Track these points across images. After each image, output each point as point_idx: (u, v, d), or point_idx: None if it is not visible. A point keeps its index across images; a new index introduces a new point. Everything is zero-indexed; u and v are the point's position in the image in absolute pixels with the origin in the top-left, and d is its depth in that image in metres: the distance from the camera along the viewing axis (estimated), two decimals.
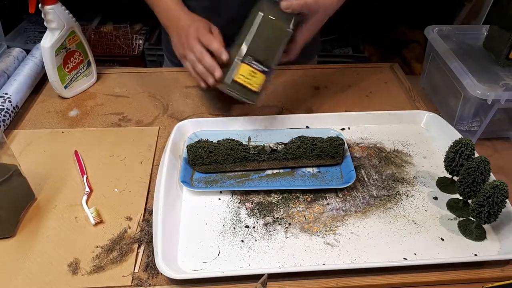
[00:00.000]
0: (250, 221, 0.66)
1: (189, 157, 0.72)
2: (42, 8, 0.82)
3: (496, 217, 0.60)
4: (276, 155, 0.72)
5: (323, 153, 0.73)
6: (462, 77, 0.79)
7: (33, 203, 0.68)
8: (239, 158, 0.72)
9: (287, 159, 0.73)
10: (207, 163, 0.72)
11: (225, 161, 0.72)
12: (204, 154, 0.71)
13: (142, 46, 1.80)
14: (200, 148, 0.71)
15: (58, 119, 0.87)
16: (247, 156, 0.72)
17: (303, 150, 0.72)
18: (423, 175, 0.74)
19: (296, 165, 0.74)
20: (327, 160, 0.74)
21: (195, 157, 0.71)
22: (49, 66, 0.87)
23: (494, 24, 0.85)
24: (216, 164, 0.72)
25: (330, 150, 0.73)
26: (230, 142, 0.73)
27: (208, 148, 0.71)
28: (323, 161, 0.74)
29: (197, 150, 0.71)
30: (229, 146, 0.72)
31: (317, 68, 1.06)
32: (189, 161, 0.73)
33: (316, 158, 0.73)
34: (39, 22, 1.71)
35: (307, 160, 0.73)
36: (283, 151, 0.72)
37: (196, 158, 0.72)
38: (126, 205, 0.69)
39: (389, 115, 0.86)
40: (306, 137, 0.74)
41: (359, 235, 0.64)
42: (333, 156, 0.73)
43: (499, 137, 0.85)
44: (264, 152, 0.72)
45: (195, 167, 0.73)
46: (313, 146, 0.73)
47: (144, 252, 0.62)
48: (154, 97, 0.94)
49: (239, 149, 0.72)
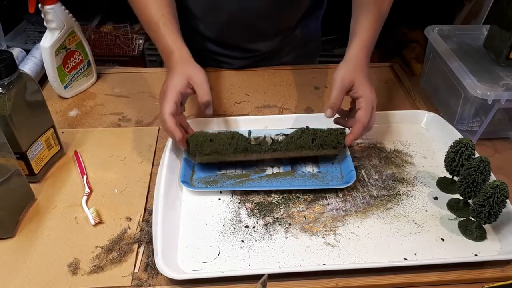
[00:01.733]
0: (250, 221, 0.66)
1: (189, 147, 0.71)
2: (42, 8, 0.82)
3: (496, 217, 0.60)
4: (277, 146, 0.72)
5: (324, 142, 0.72)
6: (462, 77, 0.79)
7: (33, 204, 0.68)
8: (240, 148, 0.71)
9: (288, 149, 0.72)
10: (207, 153, 0.70)
11: (225, 150, 0.70)
12: (205, 142, 0.70)
13: (142, 46, 1.80)
14: (200, 136, 0.71)
15: (58, 119, 0.87)
16: (248, 147, 0.71)
17: (304, 140, 0.71)
18: (423, 175, 0.74)
19: (297, 155, 0.73)
20: (329, 150, 0.73)
21: (195, 145, 0.70)
22: (49, 66, 0.87)
23: (494, 24, 0.85)
24: (217, 154, 0.71)
25: (332, 139, 0.72)
26: (231, 132, 0.72)
27: (209, 137, 0.70)
28: (325, 151, 0.73)
29: (197, 139, 0.70)
30: (229, 135, 0.71)
31: (317, 68, 1.06)
32: (189, 151, 0.71)
33: (318, 148, 0.72)
34: (39, 22, 1.71)
35: (308, 150, 0.72)
36: (284, 141, 0.72)
37: (196, 147, 0.70)
38: (126, 205, 0.69)
39: (389, 115, 0.86)
40: (307, 128, 0.73)
41: (359, 235, 0.64)
42: (335, 146, 0.72)
43: (499, 137, 0.85)
44: (265, 143, 0.72)
45: (195, 157, 0.71)
46: (314, 135, 0.72)
47: (144, 252, 0.62)
48: (154, 97, 0.94)
49: (240, 139, 0.71)
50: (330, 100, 0.71)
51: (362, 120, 0.70)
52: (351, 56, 0.73)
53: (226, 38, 0.98)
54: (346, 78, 0.70)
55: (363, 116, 0.70)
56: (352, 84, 0.71)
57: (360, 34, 0.74)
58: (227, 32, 0.97)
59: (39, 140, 0.71)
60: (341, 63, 0.73)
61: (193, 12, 0.94)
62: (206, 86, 0.71)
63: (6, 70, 0.62)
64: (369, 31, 0.74)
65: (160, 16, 0.77)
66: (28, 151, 0.68)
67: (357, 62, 0.72)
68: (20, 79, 0.64)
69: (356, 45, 0.73)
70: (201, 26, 0.96)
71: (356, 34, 0.74)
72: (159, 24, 0.76)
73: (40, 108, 0.71)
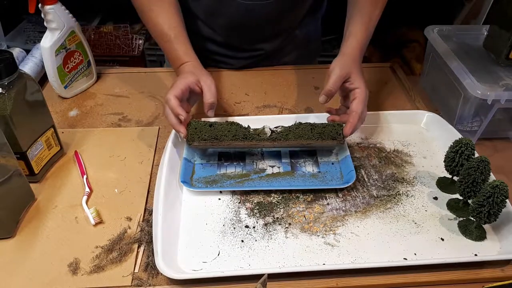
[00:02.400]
0: (250, 221, 0.66)
1: (189, 132, 0.72)
2: (42, 8, 0.82)
3: (496, 217, 0.60)
4: (276, 135, 0.73)
5: (323, 132, 0.73)
6: (462, 77, 0.79)
7: (33, 204, 0.68)
8: (239, 135, 0.72)
9: (287, 139, 0.73)
10: (205, 138, 0.71)
11: (224, 136, 0.71)
12: (204, 128, 0.72)
13: (142, 46, 1.80)
14: (200, 122, 0.72)
15: (58, 119, 0.87)
16: (247, 135, 0.72)
17: (302, 130, 0.73)
18: (423, 175, 0.74)
19: (297, 145, 0.74)
20: (329, 142, 0.73)
21: (195, 130, 0.71)
22: (49, 66, 0.87)
23: (494, 24, 0.85)
24: (215, 140, 0.72)
25: (330, 130, 0.73)
26: (231, 122, 0.74)
27: (208, 123, 0.72)
28: (325, 142, 0.73)
29: (196, 124, 0.72)
30: (229, 123, 0.73)
31: (317, 68, 1.06)
32: (188, 137, 0.72)
33: (317, 138, 0.72)
34: (39, 22, 1.71)
35: (308, 139, 0.73)
36: (282, 131, 0.73)
37: (195, 132, 0.71)
38: (126, 205, 0.69)
39: (389, 115, 0.86)
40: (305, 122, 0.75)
41: (359, 235, 0.64)
42: (334, 137, 0.73)
43: (499, 137, 0.85)
44: (264, 134, 0.73)
45: (193, 142, 0.72)
46: (312, 126, 0.73)
47: (144, 252, 0.62)
48: (154, 97, 0.94)
49: (239, 126, 0.73)
50: (326, 86, 0.73)
51: (356, 109, 0.71)
52: (348, 51, 0.76)
53: (228, 40, 0.98)
54: (344, 69, 0.73)
55: (358, 106, 0.72)
56: (349, 76, 0.73)
57: (355, 34, 0.77)
58: (228, 34, 0.97)
59: (39, 140, 0.71)
60: (337, 57, 0.76)
61: (195, 13, 0.94)
62: (214, 88, 0.74)
63: (6, 70, 0.62)
64: (363, 31, 0.77)
65: (171, 28, 0.80)
66: (28, 151, 0.68)
67: (354, 57, 0.75)
68: (20, 79, 0.65)
69: (352, 43, 0.76)
70: (202, 27, 0.96)
71: (351, 34, 0.77)
72: (170, 36, 0.80)
73: (40, 108, 0.71)
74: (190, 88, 0.73)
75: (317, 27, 1.08)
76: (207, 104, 0.73)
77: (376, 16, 0.79)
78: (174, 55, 0.80)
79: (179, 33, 0.80)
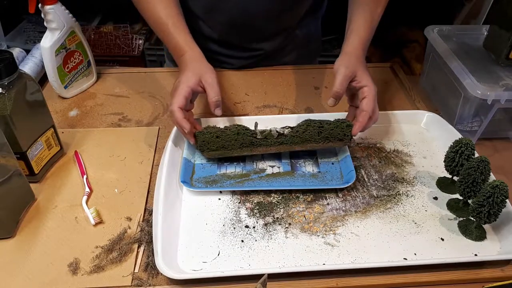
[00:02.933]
0: (250, 221, 0.66)
1: (198, 143, 0.73)
2: (42, 8, 0.82)
3: (496, 217, 0.60)
4: (283, 139, 0.72)
5: (330, 135, 0.72)
6: (462, 77, 0.79)
7: (33, 204, 0.68)
8: (246, 143, 0.72)
9: (294, 143, 0.72)
10: (214, 149, 0.72)
11: (232, 146, 0.72)
12: (212, 139, 0.72)
13: (142, 46, 1.80)
14: (207, 133, 0.72)
15: (58, 119, 0.87)
16: (254, 141, 0.72)
17: (310, 133, 0.72)
18: (423, 175, 0.74)
19: (303, 149, 0.74)
20: (336, 143, 0.73)
21: (203, 142, 0.72)
22: (49, 66, 0.87)
23: (494, 24, 0.85)
24: (224, 150, 0.72)
25: (338, 132, 0.72)
26: (236, 127, 0.72)
27: (215, 134, 0.72)
28: (331, 144, 0.73)
29: (204, 136, 0.72)
30: (235, 131, 0.72)
31: (317, 68, 1.06)
32: (198, 147, 0.73)
33: (324, 141, 0.72)
34: (39, 22, 1.71)
35: (314, 143, 0.72)
36: (289, 134, 0.72)
37: (204, 144, 0.72)
38: (126, 205, 0.69)
39: (389, 115, 0.86)
40: (313, 120, 0.73)
41: (359, 235, 0.64)
42: (341, 139, 0.72)
43: (499, 137, 0.85)
44: (271, 136, 0.72)
45: (203, 152, 0.73)
46: (320, 128, 0.72)
47: (144, 252, 0.62)
48: (154, 97, 0.94)
49: (245, 134, 0.72)
50: (333, 88, 0.71)
51: (367, 108, 0.70)
52: (351, 50, 0.74)
53: (227, 38, 0.98)
54: (349, 68, 0.71)
55: (369, 105, 0.70)
56: (355, 74, 0.72)
57: (358, 32, 0.76)
58: (228, 32, 0.97)
59: (39, 140, 0.71)
60: (340, 57, 0.74)
61: (194, 12, 0.94)
62: (216, 86, 0.73)
63: (6, 70, 0.62)
64: (366, 29, 0.76)
65: (168, 17, 0.78)
66: (28, 151, 0.68)
67: (357, 55, 0.74)
68: (20, 79, 0.65)
69: (354, 41, 0.75)
70: (202, 26, 0.96)
71: (353, 31, 0.76)
72: (168, 25, 0.78)
73: (40, 108, 0.71)
74: (193, 91, 0.72)
75: (317, 27, 1.08)
76: (212, 103, 0.72)
77: (378, 14, 0.78)
78: (174, 43, 0.78)
79: (177, 22, 0.78)
